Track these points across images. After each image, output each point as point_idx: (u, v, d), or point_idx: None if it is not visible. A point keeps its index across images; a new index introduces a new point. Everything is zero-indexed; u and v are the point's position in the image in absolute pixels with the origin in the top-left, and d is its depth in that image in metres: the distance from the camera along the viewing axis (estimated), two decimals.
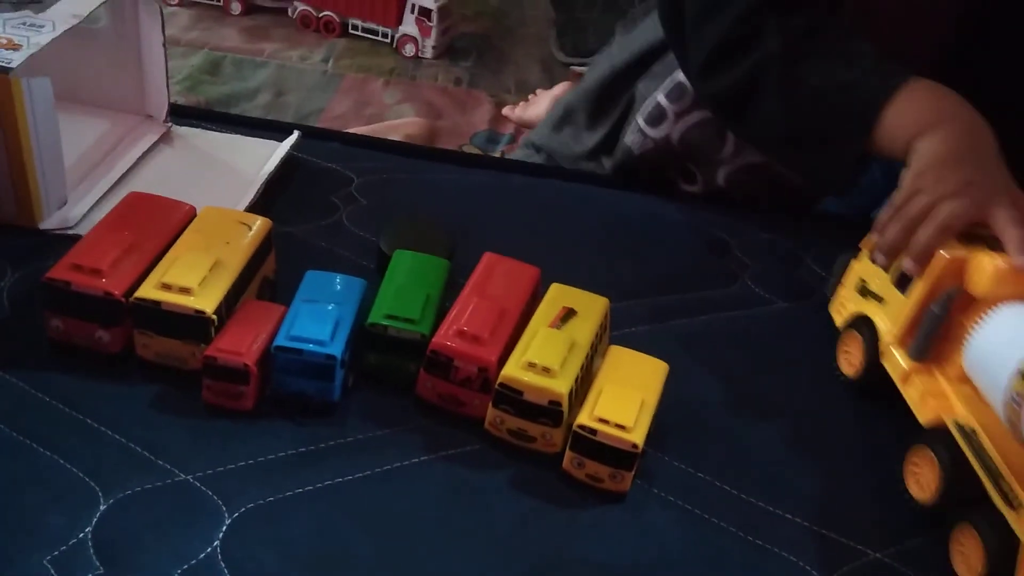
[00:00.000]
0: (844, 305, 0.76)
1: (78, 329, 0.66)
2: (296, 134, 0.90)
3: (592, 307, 0.69)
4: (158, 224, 0.70)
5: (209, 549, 0.56)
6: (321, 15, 2.43)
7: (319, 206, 0.85)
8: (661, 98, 0.94)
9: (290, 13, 2.48)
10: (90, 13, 0.78)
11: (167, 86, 0.88)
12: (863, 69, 0.78)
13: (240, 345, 0.63)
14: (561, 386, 0.62)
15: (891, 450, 0.70)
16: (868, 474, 0.68)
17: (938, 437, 0.64)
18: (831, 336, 0.78)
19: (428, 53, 2.38)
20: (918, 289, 0.69)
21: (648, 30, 0.99)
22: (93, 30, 0.85)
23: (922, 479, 0.65)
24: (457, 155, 0.99)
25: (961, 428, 0.62)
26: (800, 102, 0.80)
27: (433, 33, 2.37)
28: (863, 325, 0.73)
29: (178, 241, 0.69)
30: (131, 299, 0.64)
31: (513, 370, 0.63)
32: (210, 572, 0.55)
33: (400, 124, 1.90)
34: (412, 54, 2.39)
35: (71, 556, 0.54)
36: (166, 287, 0.64)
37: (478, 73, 2.32)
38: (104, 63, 0.87)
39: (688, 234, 0.90)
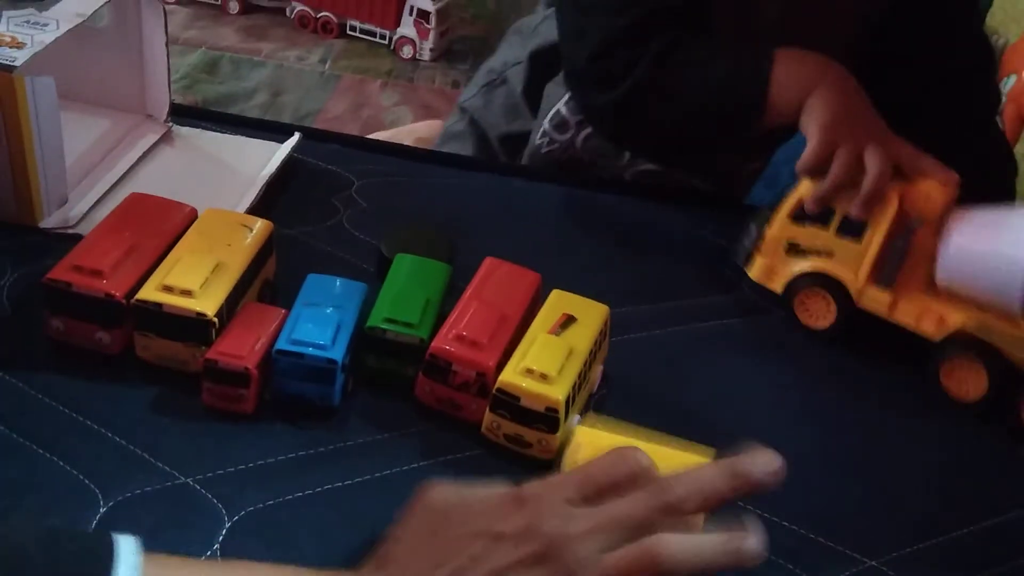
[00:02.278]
0: (777, 269, 0.80)
1: (78, 330, 0.66)
2: (297, 136, 0.90)
3: (592, 314, 0.69)
4: (159, 225, 0.70)
5: (209, 552, 0.56)
6: (319, 15, 2.43)
7: (319, 208, 0.85)
8: (563, 107, 0.96)
9: (288, 13, 2.48)
10: (94, 12, 0.78)
11: (168, 86, 0.88)
12: (733, 59, 0.83)
13: (241, 348, 0.63)
14: (558, 392, 0.63)
15: (888, 457, 0.71)
16: (864, 481, 0.69)
17: (966, 343, 0.73)
18: (826, 344, 0.79)
19: (426, 55, 2.39)
20: (879, 229, 0.75)
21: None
22: (95, 29, 0.85)
23: (969, 382, 0.74)
24: (458, 158, 0.99)
25: (985, 327, 0.73)
26: (685, 107, 0.85)
27: (431, 35, 2.37)
28: (820, 280, 0.77)
29: (179, 243, 0.69)
30: (132, 301, 0.64)
31: (511, 375, 0.63)
32: None
33: (413, 128, 1.91)
34: (410, 56, 2.39)
35: None
36: (167, 289, 0.64)
37: None
38: (106, 62, 0.87)
39: (688, 240, 0.90)
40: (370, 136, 1.35)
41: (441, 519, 0.50)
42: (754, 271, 0.80)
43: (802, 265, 0.78)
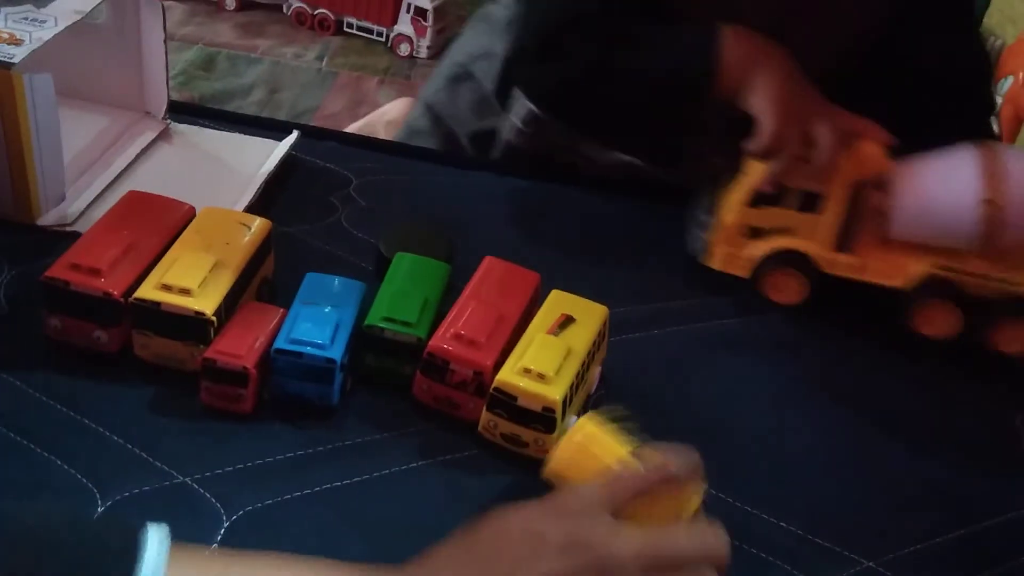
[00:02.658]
0: (739, 255, 0.81)
1: (76, 329, 0.65)
2: (295, 134, 0.90)
3: (591, 315, 0.69)
4: (157, 224, 0.70)
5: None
6: (316, 12, 2.43)
7: (318, 207, 0.85)
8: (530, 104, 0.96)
9: (285, 10, 2.47)
10: (92, 9, 0.77)
11: (167, 83, 0.88)
12: (683, 36, 0.84)
13: (239, 347, 0.63)
14: (555, 392, 0.63)
15: (887, 458, 0.71)
16: (863, 482, 0.69)
17: (934, 287, 0.77)
18: (826, 344, 0.79)
19: (423, 53, 2.38)
20: (835, 198, 0.77)
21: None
22: (94, 26, 0.84)
23: (941, 320, 0.78)
24: (456, 156, 0.99)
25: (949, 268, 0.77)
26: (635, 83, 0.85)
27: (428, 33, 2.37)
28: (787, 257, 0.79)
29: (177, 241, 0.69)
30: (130, 299, 0.64)
31: (508, 375, 0.63)
32: None
33: (383, 111, 1.89)
34: (407, 53, 2.39)
35: None
36: (166, 288, 0.64)
37: None
38: (104, 59, 0.87)
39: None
40: (346, 130, 1.34)
41: (484, 527, 0.51)
42: (716, 262, 0.82)
43: (765, 246, 0.80)
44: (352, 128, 1.39)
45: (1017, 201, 0.74)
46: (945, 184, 0.77)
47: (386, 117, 1.65)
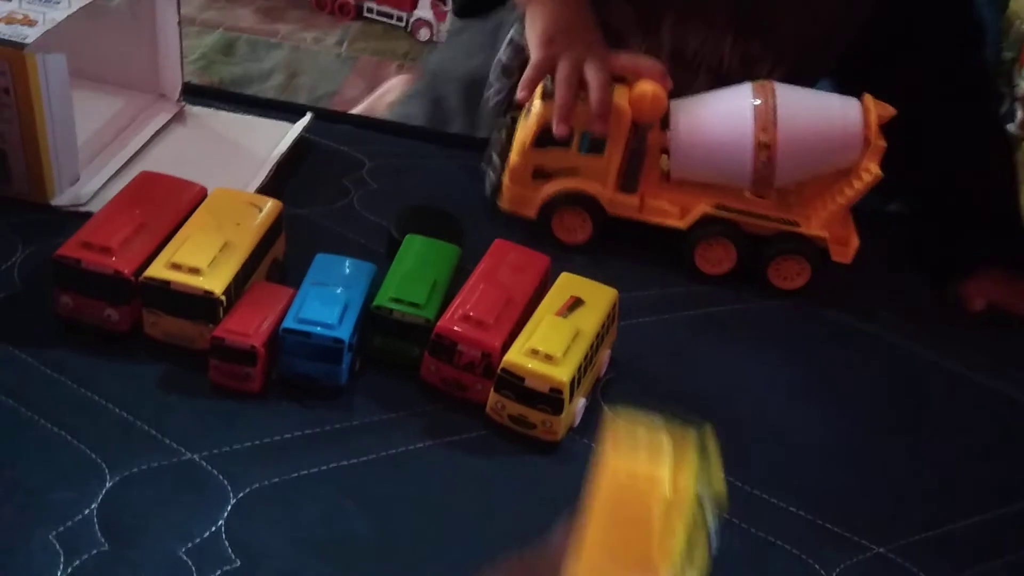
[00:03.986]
0: (527, 196, 0.81)
1: (87, 307, 0.66)
2: (309, 116, 0.90)
3: (600, 297, 0.69)
4: (169, 204, 0.71)
5: (213, 528, 0.56)
6: None
7: (330, 189, 0.85)
8: (502, 54, 0.97)
9: None
10: None
11: (181, 65, 0.88)
12: None
13: (248, 327, 0.63)
14: (563, 374, 0.62)
15: (897, 444, 0.70)
16: (872, 468, 0.68)
17: (710, 225, 0.79)
18: (832, 330, 0.78)
19: (443, 38, 2.37)
20: (617, 140, 0.78)
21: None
22: (108, 7, 0.85)
23: (720, 256, 0.80)
24: (469, 140, 0.99)
25: (724, 208, 0.79)
26: None
27: (448, 17, 2.36)
28: (572, 198, 0.80)
29: (188, 221, 0.69)
30: (140, 278, 0.64)
31: (516, 356, 0.63)
32: (214, 551, 0.55)
33: (384, 91, 1.89)
34: (427, 38, 2.38)
35: (76, 532, 0.55)
36: (176, 267, 0.64)
37: None
38: (118, 41, 0.87)
39: None
40: (352, 111, 1.34)
41: None
42: (505, 202, 0.81)
43: (551, 187, 0.80)
44: (357, 110, 1.39)
45: (789, 144, 0.76)
46: (721, 125, 0.78)
47: (387, 98, 1.64)
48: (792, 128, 0.76)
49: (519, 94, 0.80)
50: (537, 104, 0.79)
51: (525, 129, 0.80)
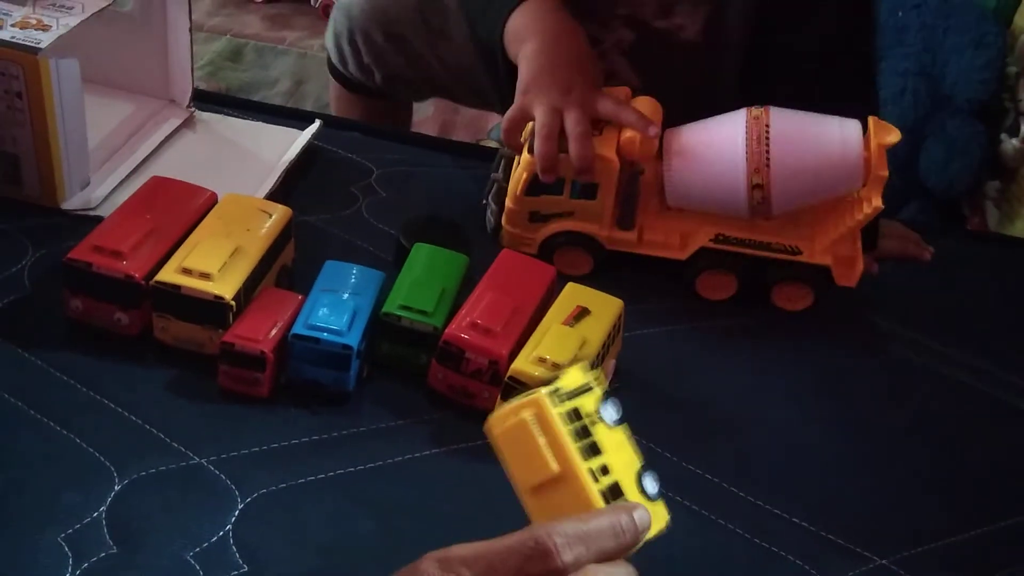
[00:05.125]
0: (526, 237, 0.80)
1: (97, 310, 0.66)
2: (317, 123, 0.90)
3: (606, 308, 0.69)
4: (179, 209, 0.71)
5: (221, 532, 0.56)
6: None
7: (338, 196, 0.85)
8: None
9: (312, 2, 2.48)
10: None
11: (191, 72, 0.89)
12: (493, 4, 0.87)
13: (258, 332, 0.64)
14: None
15: (901, 457, 0.71)
16: (876, 480, 0.69)
17: (711, 257, 0.79)
18: (840, 341, 0.79)
19: None
20: (608, 189, 0.77)
21: None
22: (120, 13, 0.85)
23: (722, 283, 0.80)
24: (476, 149, 0.99)
25: (724, 238, 0.79)
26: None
27: None
28: (570, 237, 0.80)
29: (199, 227, 0.69)
30: (151, 282, 0.65)
31: (523, 364, 0.64)
32: (221, 555, 0.55)
33: None
34: None
35: (85, 534, 0.55)
36: (186, 272, 0.65)
37: None
38: (129, 46, 0.88)
39: None
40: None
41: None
42: (506, 241, 0.81)
43: (549, 229, 0.80)
44: None
45: (783, 182, 0.75)
46: (713, 166, 0.77)
47: None
48: (787, 166, 0.75)
49: (504, 139, 0.80)
50: (524, 154, 0.78)
51: (515, 179, 0.79)
